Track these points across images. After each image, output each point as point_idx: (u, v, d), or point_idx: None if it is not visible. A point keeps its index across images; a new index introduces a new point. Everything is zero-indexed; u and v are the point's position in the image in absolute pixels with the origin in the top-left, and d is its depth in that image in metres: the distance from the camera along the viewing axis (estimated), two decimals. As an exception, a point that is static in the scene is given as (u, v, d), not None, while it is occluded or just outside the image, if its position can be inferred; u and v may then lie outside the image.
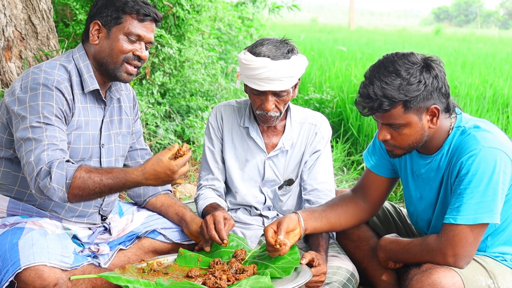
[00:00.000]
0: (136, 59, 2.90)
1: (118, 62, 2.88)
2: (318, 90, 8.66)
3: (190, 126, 6.84)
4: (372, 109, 2.67)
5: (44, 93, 2.73)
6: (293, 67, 3.10)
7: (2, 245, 2.69)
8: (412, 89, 2.61)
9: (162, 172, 2.62)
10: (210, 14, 7.75)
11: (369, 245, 3.17)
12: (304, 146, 3.36)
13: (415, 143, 2.75)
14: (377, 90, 2.62)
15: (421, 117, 2.68)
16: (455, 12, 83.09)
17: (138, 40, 2.89)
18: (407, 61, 2.65)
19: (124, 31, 2.86)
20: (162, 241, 3.19)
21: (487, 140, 2.66)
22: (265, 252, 2.97)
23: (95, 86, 2.91)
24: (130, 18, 2.86)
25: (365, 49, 17.87)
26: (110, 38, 2.88)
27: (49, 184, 2.59)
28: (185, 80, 7.33)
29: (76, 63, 2.91)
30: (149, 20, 2.90)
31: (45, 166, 2.60)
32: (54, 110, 2.73)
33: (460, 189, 2.65)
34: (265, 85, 3.07)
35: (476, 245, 2.67)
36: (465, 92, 8.82)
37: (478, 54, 18.88)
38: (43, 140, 2.65)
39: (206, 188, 3.39)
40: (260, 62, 3.06)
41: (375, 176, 3.12)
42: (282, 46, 3.15)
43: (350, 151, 6.98)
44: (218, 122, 3.40)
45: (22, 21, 3.76)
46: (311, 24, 45.59)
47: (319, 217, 3.02)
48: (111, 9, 2.87)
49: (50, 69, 2.82)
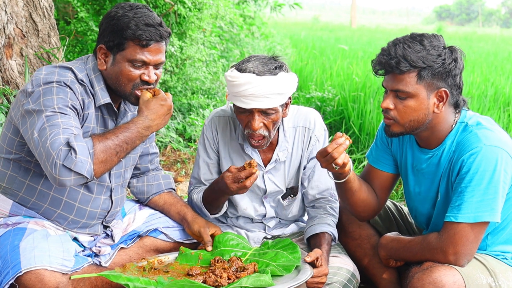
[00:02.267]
0: (144, 84, 2.80)
1: (127, 89, 2.80)
2: (319, 88, 8.66)
3: (191, 124, 6.85)
4: (388, 67, 2.69)
5: (58, 88, 2.66)
6: (280, 84, 2.96)
7: (4, 245, 2.67)
8: (430, 59, 2.64)
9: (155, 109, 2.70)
10: (211, 12, 7.75)
11: (370, 243, 3.17)
12: (300, 151, 3.28)
13: (415, 122, 2.74)
14: (399, 50, 2.67)
15: (430, 96, 2.69)
16: (456, 10, 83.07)
17: (144, 65, 2.79)
18: (434, 37, 2.72)
19: (127, 58, 2.76)
20: (164, 240, 3.18)
21: (488, 138, 2.66)
22: (266, 250, 2.97)
23: (106, 100, 2.84)
24: (132, 44, 2.74)
25: (367, 48, 17.88)
26: (115, 65, 2.78)
27: (75, 157, 2.46)
28: (187, 78, 7.34)
29: (88, 74, 2.83)
30: (154, 43, 2.78)
31: (63, 147, 2.48)
32: (69, 104, 2.65)
33: (461, 187, 2.65)
34: (251, 103, 2.94)
35: (477, 243, 2.67)
36: (466, 90, 8.81)
37: (480, 52, 18.89)
38: (58, 126, 2.55)
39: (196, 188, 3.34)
40: (244, 78, 2.93)
41: (376, 172, 3.12)
42: (269, 62, 3.02)
43: (351, 149, 6.97)
44: (214, 134, 3.30)
45: (23, 19, 3.76)
46: (313, 23, 45.57)
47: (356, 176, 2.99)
48: (113, 34, 2.76)
49: (63, 71, 2.75)
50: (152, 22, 2.75)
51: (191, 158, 6.20)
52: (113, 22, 2.76)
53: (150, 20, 2.75)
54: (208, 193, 3.20)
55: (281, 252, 2.95)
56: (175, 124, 6.84)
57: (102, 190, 2.95)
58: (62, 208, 2.86)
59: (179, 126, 6.86)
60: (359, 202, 3.03)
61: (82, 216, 2.92)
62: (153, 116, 2.69)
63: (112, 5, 6.59)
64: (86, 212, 2.92)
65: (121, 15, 2.75)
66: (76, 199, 2.87)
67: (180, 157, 6.27)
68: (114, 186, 3.00)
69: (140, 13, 2.75)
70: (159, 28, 2.76)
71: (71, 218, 2.90)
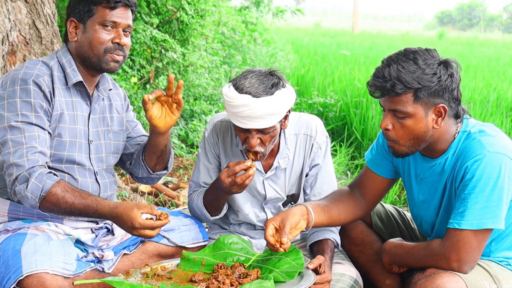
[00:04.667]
0: (117, 48, 2.91)
1: (100, 53, 2.89)
2: (321, 94, 8.67)
3: (193, 130, 6.86)
4: (384, 90, 2.66)
5: (22, 90, 2.75)
6: (276, 104, 2.92)
7: (5, 251, 2.68)
8: (426, 79, 2.61)
9: (126, 221, 2.66)
10: (214, 19, 7.77)
11: (373, 249, 3.16)
12: (302, 159, 3.27)
13: (416, 140, 2.73)
14: (393, 72, 2.63)
15: (428, 113, 2.68)
16: (458, 16, 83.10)
17: (114, 28, 2.89)
18: (427, 54, 2.68)
19: (98, 21, 2.87)
20: (166, 244, 3.18)
21: (492, 145, 2.65)
22: (269, 257, 2.96)
23: (78, 78, 2.92)
24: (101, 8, 2.87)
25: (368, 53, 17.91)
26: (87, 32, 2.89)
27: (23, 192, 2.66)
28: (189, 84, 7.35)
29: (59, 60, 2.94)
30: (121, 6, 2.90)
31: (25, 172, 2.66)
32: (33, 107, 2.75)
33: (464, 194, 2.64)
34: (248, 123, 2.93)
35: (480, 250, 2.66)
36: (468, 96, 8.82)
37: (482, 58, 18.91)
38: (23, 143, 2.70)
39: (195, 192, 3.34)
40: (241, 100, 2.91)
41: (373, 175, 3.11)
42: (266, 79, 2.97)
43: (353, 155, 6.98)
44: (215, 139, 3.30)
45: (26, 26, 3.77)
46: (314, 28, 45.65)
47: (322, 212, 2.98)
48: (82, 3, 2.88)
49: (32, 65, 2.86)
50: None
51: (193, 164, 6.20)
52: None
53: None
54: (208, 193, 3.21)
55: (284, 258, 2.94)
56: (177, 130, 6.85)
57: (85, 173, 2.97)
58: None
59: (181, 132, 6.87)
60: (341, 222, 3.09)
61: None
62: (116, 219, 2.71)
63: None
64: None
65: None
66: None
67: (183, 163, 6.27)
68: (97, 170, 3.03)
69: None
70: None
71: None
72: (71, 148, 2.91)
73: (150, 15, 6.78)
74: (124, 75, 6.41)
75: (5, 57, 3.58)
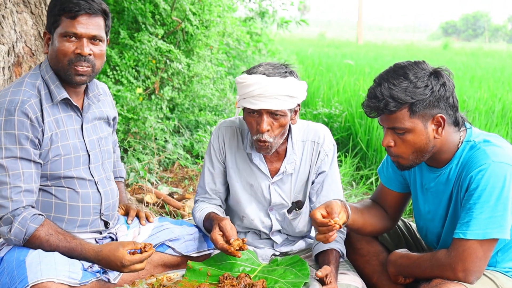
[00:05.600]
0: (80, 59, 2.81)
1: (64, 66, 2.81)
2: (326, 104, 8.68)
3: (199, 141, 6.86)
4: (378, 110, 2.67)
5: (6, 121, 2.71)
6: (289, 86, 2.99)
7: (10, 262, 2.69)
8: (418, 92, 2.62)
9: (114, 261, 2.69)
10: (218, 30, 7.79)
11: (379, 260, 3.16)
12: (309, 166, 3.29)
13: (419, 153, 2.74)
14: (384, 90, 2.64)
15: (426, 125, 2.68)
16: (463, 26, 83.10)
17: (78, 38, 2.80)
18: (416, 67, 2.68)
19: (60, 33, 2.79)
20: (171, 254, 3.18)
21: (497, 154, 2.65)
22: (274, 267, 2.96)
23: (62, 95, 2.86)
24: (64, 18, 2.78)
25: (373, 64, 17.89)
26: (54, 43, 2.83)
27: (7, 235, 2.69)
28: (194, 95, 7.36)
29: (43, 75, 2.87)
30: (83, 15, 2.79)
31: (9, 214, 2.69)
32: (17, 139, 2.71)
33: (469, 204, 2.64)
34: (259, 103, 2.97)
35: (486, 260, 2.65)
36: (473, 106, 8.81)
37: (487, 68, 18.87)
38: (7, 182, 2.69)
39: (200, 202, 3.36)
40: (254, 79, 2.98)
41: (388, 191, 3.13)
42: (280, 67, 3.06)
43: (359, 165, 6.97)
44: (220, 144, 3.32)
45: (32, 37, 3.79)
46: (319, 39, 45.66)
47: (357, 211, 2.99)
48: (50, 14, 2.83)
49: (17, 87, 2.80)
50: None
51: (198, 174, 6.21)
52: (51, 5, 2.84)
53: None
54: (206, 222, 3.20)
55: (290, 268, 2.94)
56: (182, 141, 6.85)
57: (85, 184, 2.96)
58: (55, 210, 2.88)
59: (186, 143, 6.88)
60: (366, 233, 3.10)
61: (76, 213, 2.94)
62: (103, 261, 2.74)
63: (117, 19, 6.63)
64: (78, 208, 2.93)
65: None
66: (65, 197, 2.90)
67: (188, 174, 6.28)
68: (98, 179, 3.02)
69: None
70: (89, 1, 2.81)
71: (66, 218, 2.91)
72: (66, 165, 2.89)
73: (155, 26, 6.80)
74: (129, 86, 6.43)
75: (11, 68, 3.59)
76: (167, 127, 6.50)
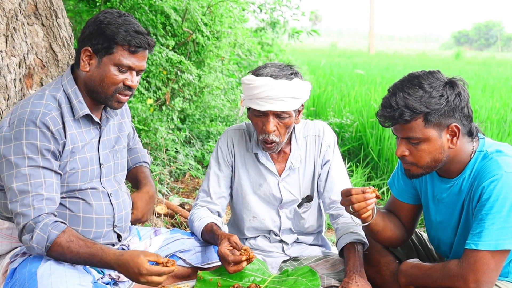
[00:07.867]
0: (126, 89, 2.84)
1: (109, 92, 2.83)
2: (337, 114, 8.67)
3: (210, 151, 6.87)
4: (393, 119, 2.66)
5: (28, 131, 2.69)
6: (294, 88, 3.06)
7: (21, 274, 2.68)
8: (433, 102, 2.61)
9: (132, 268, 2.61)
10: (229, 40, 7.81)
11: (390, 270, 3.14)
12: (313, 159, 3.36)
13: (433, 162, 2.73)
14: (399, 100, 2.63)
15: (441, 135, 2.67)
16: (475, 36, 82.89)
17: (129, 70, 2.83)
18: (431, 77, 2.67)
19: (114, 62, 2.79)
20: (182, 265, 3.18)
21: (509, 165, 2.63)
22: (285, 278, 2.95)
23: (85, 111, 2.87)
24: (121, 49, 2.78)
25: (384, 74, 17.89)
26: (101, 68, 2.81)
27: (29, 243, 2.65)
28: (205, 106, 7.37)
29: (65, 89, 2.86)
30: (142, 50, 2.83)
31: (31, 222, 2.65)
32: (39, 149, 2.70)
33: (481, 215, 2.62)
34: (266, 105, 3.04)
35: (498, 271, 2.63)
36: (486, 115, 8.78)
37: (499, 77, 18.82)
38: (29, 191, 2.67)
39: (200, 208, 3.36)
40: (261, 81, 3.04)
41: (400, 203, 3.11)
42: (285, 68, 3.13)
43: (370, 175, 6.95)
44: (229, 147, 3.37)
45: (43, 49, 3.80)
46: (330, 49, 45.73)
47: (380, 214, 2.99)
48: (102, 38, 2.79)
49: (38, 100, 2.79)
50: (141, 30, 2.82)
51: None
52: (102, 26, 2.79)
53: (139, 28, 2.82)
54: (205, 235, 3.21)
55: (300, 279, 2.93)
56: (193, 152, 6.86)
57: (99, 196, 2.96)
58: (69, 223, 2.87)
59: (197, 154, 6.89)
60: (384, 239, 3.06)
61: (90, 225, 2.93)
62: (122, 267, 2.66)
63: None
64: (92, 220, 2.93)
65: (110, 20, 2.79)
66: (78, 210, 2.90)
67: (199, 184, 6.28)
68: (111, 191, 3.02)
69: (129, 21, 2.81)
70: (147, 37, 2.83)
71: (80, 229, 2.90)
72: (83, 178, 2.90)
73: (166, 37, 6.83)
74: (140, 97, 6.45)
75: (22, 80, 3.61)
76: (178, 138, 6.51)
